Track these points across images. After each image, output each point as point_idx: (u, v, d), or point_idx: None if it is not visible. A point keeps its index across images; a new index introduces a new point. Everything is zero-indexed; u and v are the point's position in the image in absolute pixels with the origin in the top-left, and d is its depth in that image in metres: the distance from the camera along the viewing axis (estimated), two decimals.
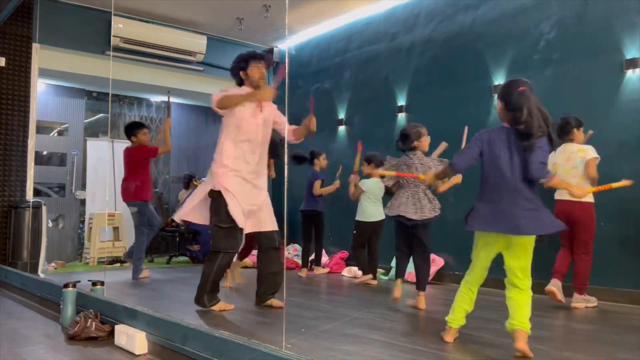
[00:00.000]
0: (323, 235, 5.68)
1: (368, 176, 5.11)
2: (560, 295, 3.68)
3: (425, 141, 3.71)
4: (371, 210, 5.00)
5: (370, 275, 4.99)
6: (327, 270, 5.81)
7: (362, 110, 6.35)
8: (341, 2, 6.10)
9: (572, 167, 3.76)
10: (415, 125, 3.73)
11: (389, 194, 4.23)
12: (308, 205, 5.52)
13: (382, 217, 4.93)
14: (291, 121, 3.65)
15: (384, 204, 4.83)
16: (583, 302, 3.70)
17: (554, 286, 3.71)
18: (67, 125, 7.28)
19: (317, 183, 5.47)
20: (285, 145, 3.53)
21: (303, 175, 5.76)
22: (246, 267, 5.90)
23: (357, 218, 5.07)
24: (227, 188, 3.36)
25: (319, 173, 5.57)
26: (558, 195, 3.80)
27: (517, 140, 2.40)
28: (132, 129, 5.17)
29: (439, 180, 3.11)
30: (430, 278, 4.99)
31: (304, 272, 5.49)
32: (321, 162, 5.59)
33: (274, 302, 3.60)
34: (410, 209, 3.59)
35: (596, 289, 4.00)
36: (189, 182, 7.27)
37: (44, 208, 5.48)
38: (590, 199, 3.71)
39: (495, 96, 4.96)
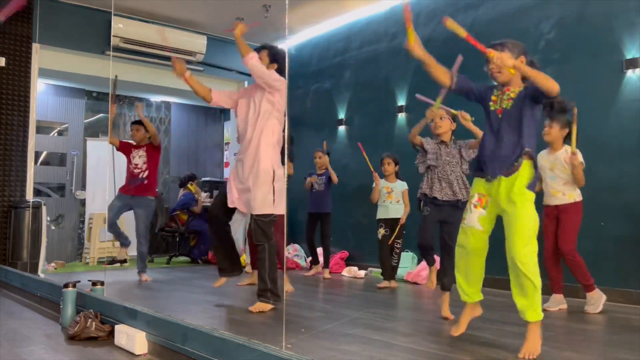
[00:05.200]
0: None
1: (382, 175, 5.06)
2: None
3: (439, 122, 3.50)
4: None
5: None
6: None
7: (362, 110, 6.35)
8: (341, 2, 6.10)
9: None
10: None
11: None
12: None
13: None
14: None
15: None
16: (598, 302, 3.58)
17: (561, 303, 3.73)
18: (67, 125, 7.29)
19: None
20: (287, 138, 3.50)
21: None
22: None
23: (396, 216, 4.95)
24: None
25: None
26: (547, 201, 3.76)
27: None
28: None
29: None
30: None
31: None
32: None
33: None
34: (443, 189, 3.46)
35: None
36: (185, 183, 7.28)
37: (44, 208, 5.48)
38: (579, 197, 3.66)
39: None
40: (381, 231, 4.89)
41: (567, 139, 3.72)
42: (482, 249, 2.57)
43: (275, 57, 3.71)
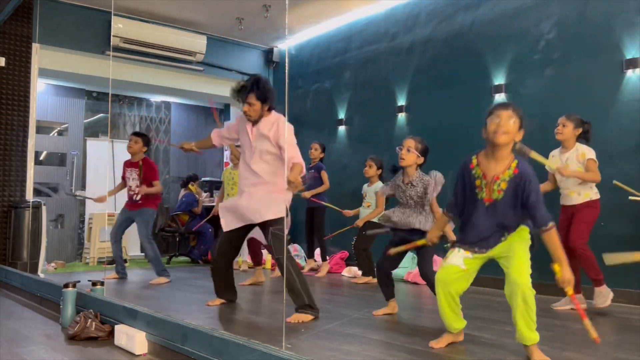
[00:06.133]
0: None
1: (368, 179, 5.23)
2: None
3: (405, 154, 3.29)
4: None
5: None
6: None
7: (362, 110, 6.35)
8: (341, 2, 6.10)
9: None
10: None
11: None
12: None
13: None
14: (291, 120, 3.59)
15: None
16: (606, 297, 3.57)
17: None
18: (67, 125, 7.28)
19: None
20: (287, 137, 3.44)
21: None
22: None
23: (377, 220, 5.10)
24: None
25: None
26: (563, 202, 3.73)
27: None
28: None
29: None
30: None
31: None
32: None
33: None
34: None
35: None
36: (186, 183, 7.27)
37: (44, 208, 5.48)
38: (595, 195, 3.64)
39: (496, 96, 4.96)
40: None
41: (579, 138, 3.69)
42: (461, 285, 2.52)
43: (265, 96, 3.41)
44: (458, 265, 2.50)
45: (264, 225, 3.36)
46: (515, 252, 2.39)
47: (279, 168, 3.43)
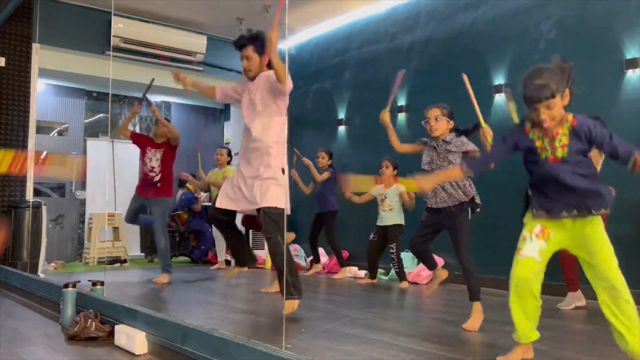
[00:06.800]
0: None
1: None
2: None
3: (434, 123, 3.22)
4: None
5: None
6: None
7: (362, 110, 6.35)
8: (341, 2, 6.10)
9: None
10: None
11: None
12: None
13: None
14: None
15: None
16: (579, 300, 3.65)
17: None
18: (67, 125, 7.29)
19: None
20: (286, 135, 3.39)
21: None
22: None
23: (386, 223, 5.03)
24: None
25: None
26: None
27: None
28: None
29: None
30: (430, 278, 5.00)
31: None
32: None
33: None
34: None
35: None
36: (184, 182, 7.26)
37: (44, 208, 5.48)
38: None
39: (496, 96, 4.96)
40: (371, 235, 5.13)
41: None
42: (538, 280, 2.24)
43: (264, 50, 3.31)
44: (534, 258, 2.22)
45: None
46: (606, 252, 2.23)
47: (275, 124, 3.31)
